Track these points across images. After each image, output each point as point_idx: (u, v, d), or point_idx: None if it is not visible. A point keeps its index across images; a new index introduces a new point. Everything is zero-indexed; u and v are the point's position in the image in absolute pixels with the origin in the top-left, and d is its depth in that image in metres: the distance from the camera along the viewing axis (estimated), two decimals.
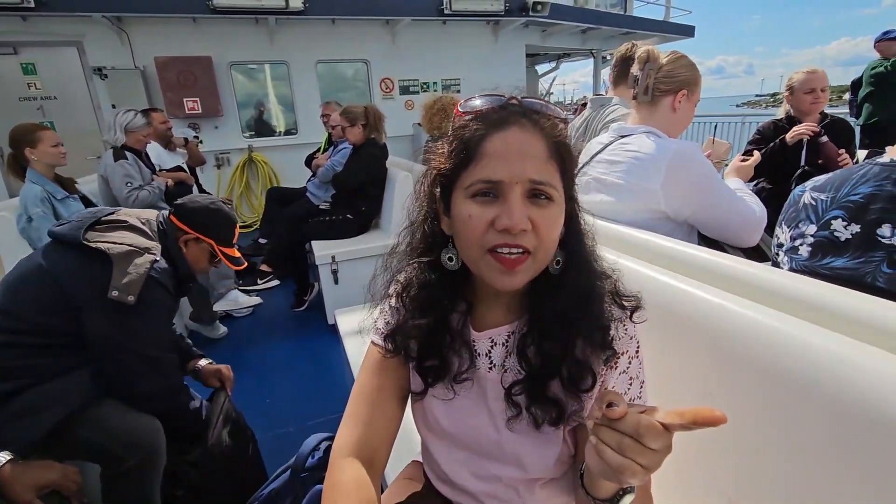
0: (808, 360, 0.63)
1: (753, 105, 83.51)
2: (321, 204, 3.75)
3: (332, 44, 6.11)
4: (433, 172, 0.68)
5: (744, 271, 0.88)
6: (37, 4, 4.47)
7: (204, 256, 1.61)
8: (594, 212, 1.40)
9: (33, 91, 5.16)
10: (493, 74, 6.95)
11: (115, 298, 1.24)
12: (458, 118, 0.66)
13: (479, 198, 0.60)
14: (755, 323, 0.72)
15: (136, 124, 3.05)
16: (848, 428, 0.58)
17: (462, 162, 0.62)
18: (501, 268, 0.60)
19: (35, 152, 2.38)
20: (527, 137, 0.60)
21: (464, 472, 0.77)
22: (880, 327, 0.65)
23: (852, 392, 0.58)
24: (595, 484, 0.59)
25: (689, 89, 1.35)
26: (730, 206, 1.30)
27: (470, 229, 0.61)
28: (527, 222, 0.58)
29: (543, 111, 0.64)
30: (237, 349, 3.02)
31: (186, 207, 1.58)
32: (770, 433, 0.69)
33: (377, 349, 0.77)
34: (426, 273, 0.71)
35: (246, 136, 6.12)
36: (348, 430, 0.73)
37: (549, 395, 0.66)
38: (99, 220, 1.39)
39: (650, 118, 1.39)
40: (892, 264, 0.74)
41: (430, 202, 0.71)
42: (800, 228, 0.89)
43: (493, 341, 0.72)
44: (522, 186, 0.59)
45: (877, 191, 0.78)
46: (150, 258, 1.35)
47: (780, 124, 2.67)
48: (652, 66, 1.34)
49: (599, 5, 8.51)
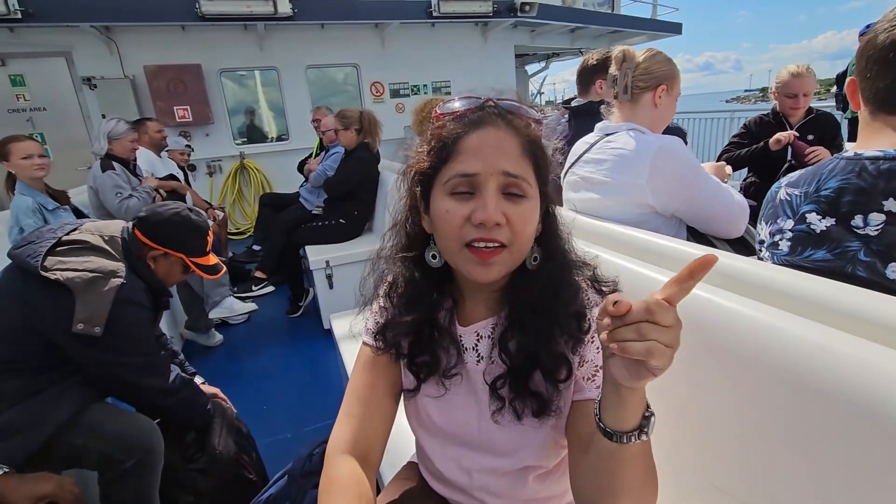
0: (793, 350, 0.65)
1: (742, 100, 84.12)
2: (314, 209, 3.75)
3: (322, 49, 6.11)
4: (413, 171, 0.71)
5: (730, 265, 0.90)
6: (24, 16, 4.45)
7: (176, 270, 1.54)
8: (583, 210, 1.43)
9: (22, 103, 5.13)
10: (483, 75, 6.98)
11: (80, 332, 1.21)
12: (436, 119, 0.69)
13: (457, 194, 0.64)
14: (741, 315, 0.74)
15: (119, 131, 3.02)
16: (831, 415, 0.60)
17: (440, 160, 0.66)
18: (477, 260, 0.63)
19: (9, 165, 2.36)
20: (501, 135, 0.64)
21: (456, 467, 0.78)
22: (861, 315, 0.66)
23: (835, 380, 0.59)
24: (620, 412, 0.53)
25: (667, 84, 1.38)
26: (714, 197, 1.32)
27: (447, 224, 0.64)
28: (501, 216, 0.61)
29: (518, 112, 0.67)
30: (233, 357, 3.02)
31: (149, 221, 1.48)
32: (759, 423, 0.70)
33: (368, 348, 0.79)
34: (411, 270, 0.74)
35: (238, 143, 6.11)
36: (342, 427, 0.75)
37: (530, 388, 0.68)
38: (60, 241, 1.32)
39: (633, 115, 1.41)
40: (869, 253, 0.76)
41: (411, 202, 0.74)
42: (778, 224, 0.90)
43: (479, 335, 0.74)
44: (497, 180, 0.62)
45: (845, 184, 0.81)
46: (115, 283, 1.29)
47: (766, 119, 2.70)
48: (629, 65, 1.37)
49: (587, 5, 8.57)
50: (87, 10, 4.71)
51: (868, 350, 0.59)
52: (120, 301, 1.28)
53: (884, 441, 0.54)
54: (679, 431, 0.85)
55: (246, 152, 6.07)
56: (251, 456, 1.62)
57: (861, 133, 0.86)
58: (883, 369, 0.56)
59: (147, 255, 1.46)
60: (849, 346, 0.61)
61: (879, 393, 0.55)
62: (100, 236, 1.40)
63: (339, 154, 3.50)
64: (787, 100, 2.53)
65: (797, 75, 2.46)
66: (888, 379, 0.55)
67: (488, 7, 6.21)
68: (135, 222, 1.49)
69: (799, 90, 2.48)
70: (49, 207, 2.38)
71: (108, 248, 1.38)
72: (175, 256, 1.51)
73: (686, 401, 0.82)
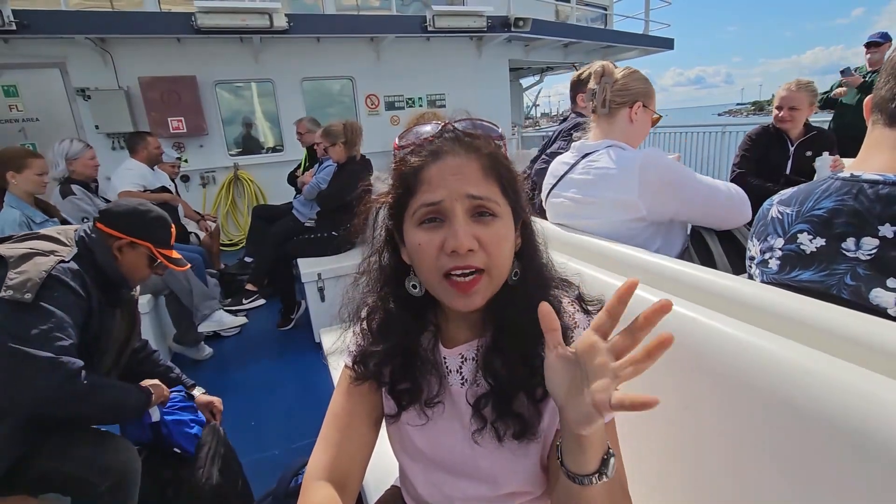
0: (777, 372, 0.65)
1: (735, 113, 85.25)
2: (307, 221, 3.74)
3: (317, 61, 6.14)
4: (385, 207, 0.71)
5: (717, 283, 0.90)
6: (19, 27, 4.44)
7: (142, 261, 1.51)
8: (574, 230, 1.43)
9: (15, 113, 5.12)
10: (478, 89, 7.05)
11: (7, 298, 1.17)
12: (397, 152, 0.69)
13: (426, 224, 0.63)
14: (725, 335, 0.74)
15: (76, 150, 2.96)
16: (814, 437, 0.60)
17: (405, 193, 0.65)
18: (457, 292, 0.62)
19: (18, 177, 2.35)
20: (461, 161, 0.63)
21: (440, 494, 0.76)
22: (845, 336, 0.67)
23: (817, 402, 0.59)
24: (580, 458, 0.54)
25: (644, 101, 1.42)
26: (709, 189, 1.34)
27: (422, 256, 0.63)
28: (473, 241, 0.60)
29: (478, 132, 0.67)
30: (222, 370, 2.98)
31: (113, 212, 1.48)
32: (745, 444, 0.70)
33: (349, 372, 0.78)
34: (387, 301, 0.73)
35: (232, 154, 6.11)
36: (320, 454, 0.73)
37: (513, 409, 0.67)
38: (11, 237, 1.33)
39: (610, 131, 1.43)
40: (855, 277, 0.76)
41: (386, 236, 0.73)
42: (769, 242, 0.90)
43: (464, 357, 0.73)
44: (463, 204, 0.61)
45: (839, 205, 0.79)
46: (55, 259, 1.28)
47: (769, 130, 2.82)
48: (608, 79, 1.41)
49: (580, 20, 8.67)
50: (83, 23, 4.72)
51: (850, 373, 0.60)
52: (55, 277, 1.25)
53: (866, 463, 0.54)
54: (668, 451, 0.85)
55: (240, 163, 6.07)
56: (236, 484, 1.57)
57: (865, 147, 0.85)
58: (863, 392, 0.57)
59: (113, 247, 1.44)
60: (831, 368, 0.61)
61: (858, 416, 0.55)
62: (55, 231, 1.41)
63: (333, 167, 3.50)
64: (775, 111, 2.71)
65: (787, 88, 2.65)
66: (868, 402, 0.55)
67: (482, 22, 6.28)
68: (97, 217, 1.48)
69: (785, 104, 2.65)
70: (37, 220, 2.36)
71: (61, 237, 1.38)
72: (142, 246, 1.49)
73: (674, 422, 0.82)
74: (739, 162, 2.84)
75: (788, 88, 2.62)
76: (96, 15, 4.85)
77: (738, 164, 2.84)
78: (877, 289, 0.73)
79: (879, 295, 0.73)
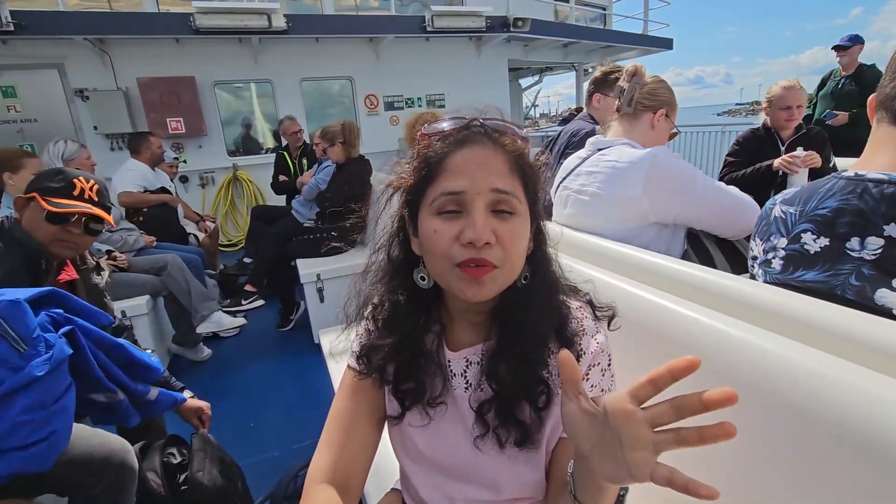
0: (781, 374, 0.64)
1: (734, 113, 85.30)
2: (306, 221, 3.73)
3: (317, 62, 6.14)
4: (402, 192, 0.70)
5: (719, 283, 0.89)
6: (16, 28, 4.43)
7: (39, 216, 1.43)
8: (575, 225, 1.42)
9: (13, 114, 5.11)
10: (477, 89, 7.04)
11: None
12: (421, 139, 0.67)
13: (445, 214, 0.62)
14: (728, 336, 0.73)
15: (72, 151, 2.92)
16: (817, 438, 0.59)
17: (426, 179, 0.64)
18: (469, 278, 0.61)
19: (14, 178, 2.33)
20: (487, 152, 0.62)
21: (441, 496, 0.75)
22: (849, 337, 0.66)
23: (820, 403, 0.59)
24: (598, 498, 0.55)
25: (668, 110, 1.44)
26: (718, 196, 1.33)
27: (436, 244, 0.62)
28: (491, 235, 0.59)
29: (504, 130, 0.66)
30: (222, 371, 2.97)
31: None
32: (750, 447, 0.69)
33: (352, 372, 0.77)
34: (398, 293, 0.72)
35: (231, 153, 6.10)
36: (322, 455, 0.72)
37: (516, 416, 0.66)
38: None
39: (630, 131, 1.44)
40: (860, 277, 0.75)
41: (399, 224, 0.72)
42: (772, 241, 0.89)
43: (469, 360, 0.72)
44: (485, 198, 0.60)
45: (843, 205, 0.78)
46: None
47: (758, 133, 2.74)
48: (638, 80, 1.43)
49: (580, 20, 8.68)
50: (81, 23, 4.72)
51: (855, 374, 0.59)
52: None
53: (870, 465, 0.54)
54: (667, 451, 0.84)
55: (238, 164, 6.06)
56: (237, 486, 1.57)
57: (869, 146, 0.84)
58: (869, 393, 0.56)
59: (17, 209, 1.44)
60: (836, 370, 0.61)
61: (862, 417, 0.55)
62: None
63: (332, 167, 3.49)
64: (781, 113, 2.58)
65: (790, 87, 2.55)
66: (873, 403, 0.55)
67: (481, 22, 6.28)
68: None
69: (792, 102, 2.55)
70: None
71: None
72: (34, 201, 1.43)
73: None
74: (727, 168, 2.74)
75: (791, 87, 2.55)
76: (95, 16, 4.85)
77: (725, 170, 2.74)
78: (882, 289, 0.72)
79: (885, 295, 0.72)
